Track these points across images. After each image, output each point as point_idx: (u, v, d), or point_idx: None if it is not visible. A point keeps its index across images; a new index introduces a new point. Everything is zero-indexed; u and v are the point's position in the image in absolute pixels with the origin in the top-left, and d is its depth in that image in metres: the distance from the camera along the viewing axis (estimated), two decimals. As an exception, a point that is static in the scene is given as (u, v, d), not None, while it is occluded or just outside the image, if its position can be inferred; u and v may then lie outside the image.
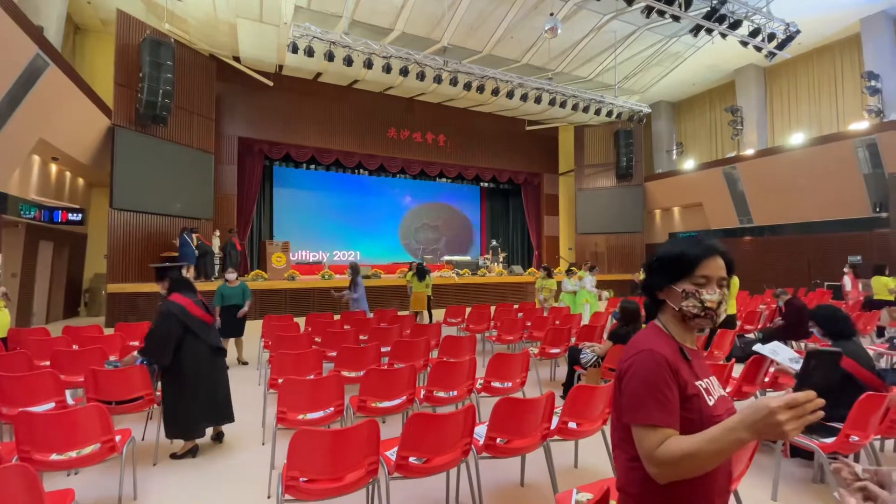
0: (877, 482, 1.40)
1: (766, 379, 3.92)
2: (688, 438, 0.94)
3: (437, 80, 10.91)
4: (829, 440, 2.74)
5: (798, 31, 9.74)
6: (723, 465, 1.07)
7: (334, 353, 3.96)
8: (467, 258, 15.44)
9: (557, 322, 6.29)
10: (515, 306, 8.11)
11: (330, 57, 9.59)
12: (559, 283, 8.82)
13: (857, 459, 3.08)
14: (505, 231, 18.57)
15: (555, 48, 11.89)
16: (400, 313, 7.33)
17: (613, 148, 15.83)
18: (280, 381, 3.17)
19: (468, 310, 7.35)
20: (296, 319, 6.15)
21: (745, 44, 9.61)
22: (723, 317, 1.10)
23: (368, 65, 10.10)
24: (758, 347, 3.60)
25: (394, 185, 16.38)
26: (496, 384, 3.74)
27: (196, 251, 9.81)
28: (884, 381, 2.97)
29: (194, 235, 9.91)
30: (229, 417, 3.46)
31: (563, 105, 12.52)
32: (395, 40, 10.81)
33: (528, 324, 6.32)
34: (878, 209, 11.03)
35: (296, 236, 14.05)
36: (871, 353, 5.51)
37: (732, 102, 14.80)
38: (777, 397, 0.83)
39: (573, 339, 5.43)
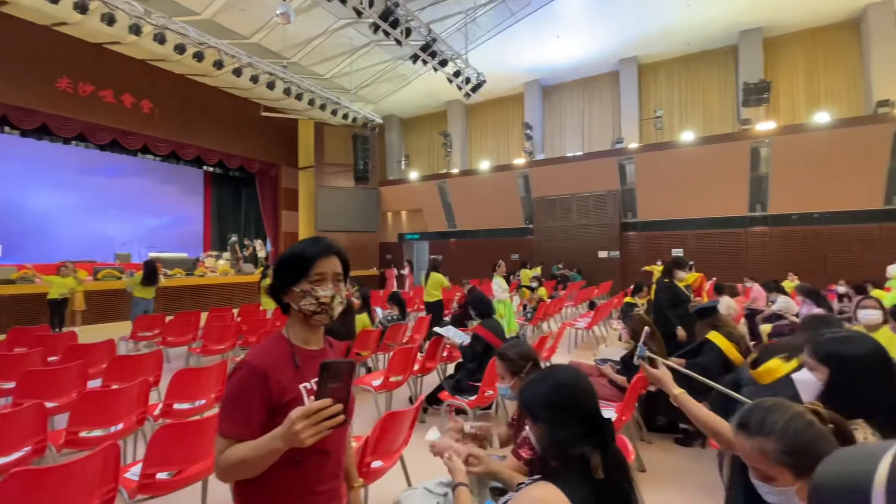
0: (480, 434, 1.87)
1: (445, 353, 4.82)
2: (242, 447, 1.00)
3: (135, 30, 8.69)
4: (474, 397, 3.58)
5: (485, 81, 12.55)
6: (330, 457, 1.13)
7: None
8: (183, 255, 12.99)
9: (278, 324, 6.01)
10: (235, 310, 7.33)
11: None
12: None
13: (496, 410, 4.17)
14: (236, 224, 16.67)
15: (290, 37, 11.41)
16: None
17: (352, 150, 16.51)
18: None
19: (169, 318, 6.15)
20: None
21: (450, 80, 11.70)
22: (338, 310, 1.15)
23: (11, -20, 7.11)
24: (436, 329, 4.39)
25: (69, 154, 12.18)
26: (182, 405, 3.20)
27: None
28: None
29: None
30: None
31: (299, 97, 12.15)
32: (63, -40, 7.98)
33: (244, 328, 5.79)
34: (527, 222, 15.55)
35: None
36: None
37: (445, 128, 17.88)
38: (299, 408, 0.91)
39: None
